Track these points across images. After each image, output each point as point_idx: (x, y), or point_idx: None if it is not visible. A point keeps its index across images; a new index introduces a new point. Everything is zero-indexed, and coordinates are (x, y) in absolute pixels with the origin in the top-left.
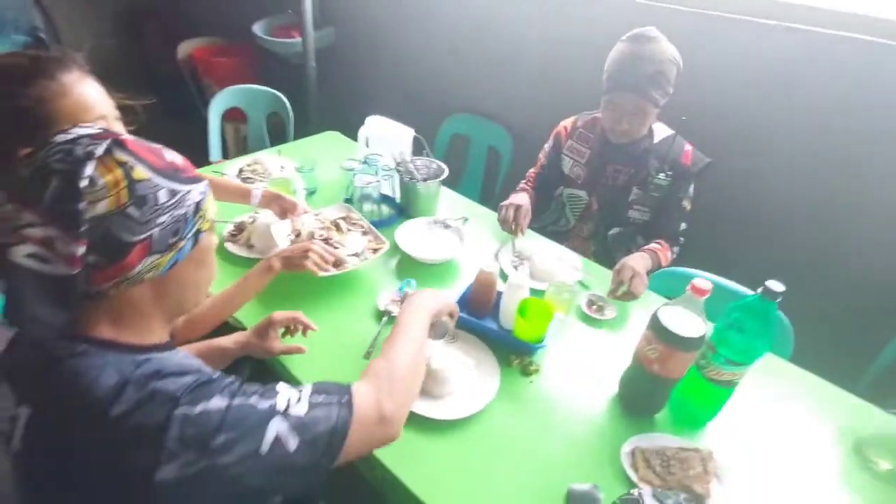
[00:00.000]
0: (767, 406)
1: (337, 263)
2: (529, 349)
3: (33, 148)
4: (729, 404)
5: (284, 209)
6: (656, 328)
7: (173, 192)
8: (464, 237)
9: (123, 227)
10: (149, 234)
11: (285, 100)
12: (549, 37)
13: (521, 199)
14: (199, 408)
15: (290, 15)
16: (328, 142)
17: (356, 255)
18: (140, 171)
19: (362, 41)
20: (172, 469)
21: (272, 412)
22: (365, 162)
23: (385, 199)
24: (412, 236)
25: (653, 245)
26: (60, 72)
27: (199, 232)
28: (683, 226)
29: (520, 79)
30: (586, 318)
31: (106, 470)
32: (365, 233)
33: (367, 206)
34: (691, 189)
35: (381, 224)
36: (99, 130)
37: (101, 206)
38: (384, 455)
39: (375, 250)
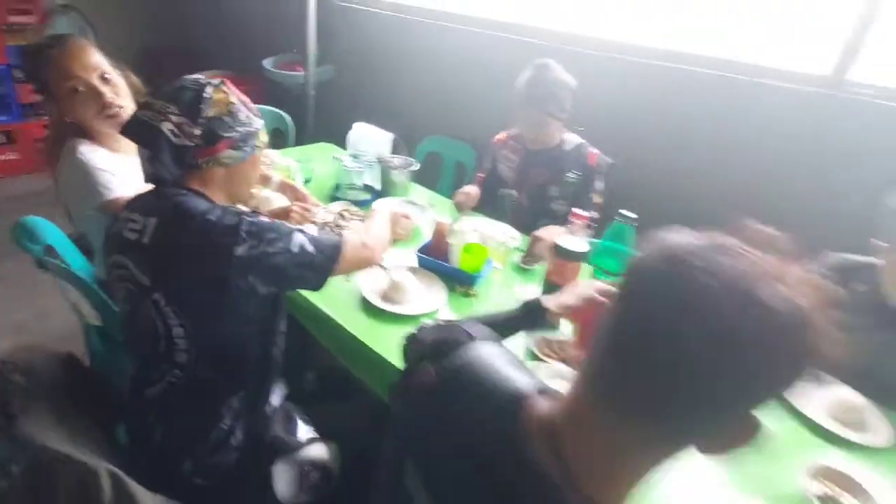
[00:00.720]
0: None
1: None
2: (471, 279)
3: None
4: None
5: (297, 198)
6: (554, 247)
7: (248, 117)
8: (427, 212)
9: (220, 126)
10: (232, 135)
11: (286, 116)
12: (506, 73)
13: (471, 188)
14: (254, 218)
15: (295, 54)
16: (323, 148)
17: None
18: (233, 98)
19: (356, 76)
20: (244, 248)
21: (296, 229)
22: (352, 155)
23: (367, 187)
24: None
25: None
26: (67, 42)
27: (256, 146)
28: (595, 215)
29: (482, 104)
30: (518, 269)
31: (203, 249)
32: (362, 221)
33: (353, 192)
34: (599, 184)
35: (363, 203)
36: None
37: (211, 111)
38: (359, 332)
39: None
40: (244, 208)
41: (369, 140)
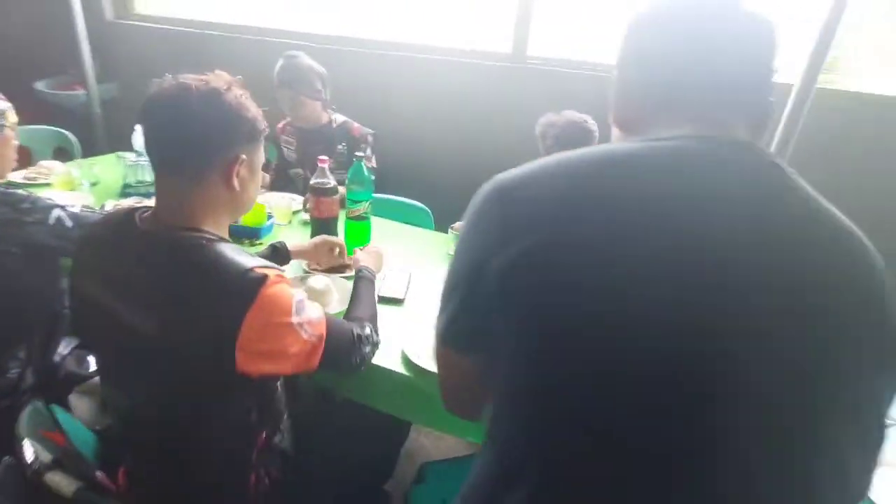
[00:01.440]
0: (411, 246)
1: None
2: (255, 232)
3: None
4: (383, 243)
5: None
6: (310, 188)
7: None
8: None
9: None
10: None
11: (70, 135)
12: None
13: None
14: (11, 190)
15: (71, 74)
16: (111, 158)
17: None
18: None
19: (145, 91)
20: None
21: (56, 205)
22: (136, 151)
23: None
24: None
25: None
26: None
27: (3, 126)
28: (372, 177)
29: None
30: (304, 223)
31: None
32: None
33: (143, 187)
34: (369, 150)
35: (152, 195)
36: None
37: None
38: None
39: None
40: None
41: None
